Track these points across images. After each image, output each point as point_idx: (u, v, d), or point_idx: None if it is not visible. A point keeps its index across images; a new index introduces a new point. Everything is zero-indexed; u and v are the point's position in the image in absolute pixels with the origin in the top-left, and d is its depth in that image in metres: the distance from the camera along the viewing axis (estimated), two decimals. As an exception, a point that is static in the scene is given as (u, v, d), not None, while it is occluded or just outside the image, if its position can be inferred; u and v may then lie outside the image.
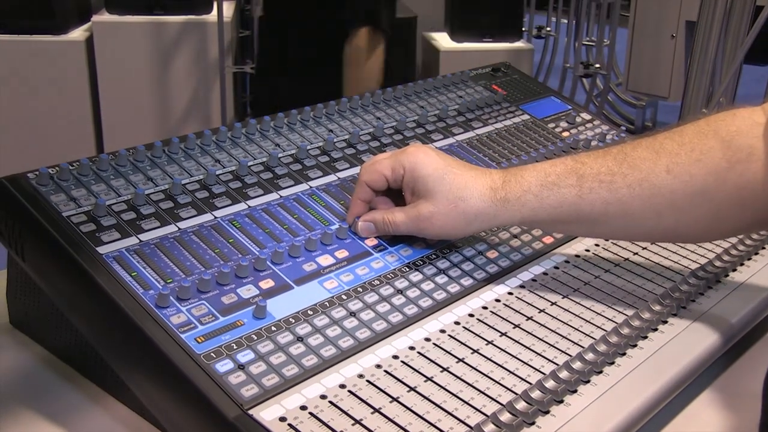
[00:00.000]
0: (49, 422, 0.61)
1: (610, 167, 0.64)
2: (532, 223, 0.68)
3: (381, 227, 0.69)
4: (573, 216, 0.65)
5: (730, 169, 0.61)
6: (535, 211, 0.65)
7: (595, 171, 0.64)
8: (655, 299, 0.68)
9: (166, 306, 0.57)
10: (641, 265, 0.74)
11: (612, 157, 0.65)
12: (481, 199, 0.66)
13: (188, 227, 0.66)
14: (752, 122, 0.62)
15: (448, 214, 0.66)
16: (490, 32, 3.32)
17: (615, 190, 0.63)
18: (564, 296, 0.68)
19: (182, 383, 0.53)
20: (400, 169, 0.68)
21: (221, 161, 0.75)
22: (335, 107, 0.88)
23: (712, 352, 0.65)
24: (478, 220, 0.66)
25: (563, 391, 0.56)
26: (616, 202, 0.64)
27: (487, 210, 0.66)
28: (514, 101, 1.00)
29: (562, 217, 0.65)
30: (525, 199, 0.65)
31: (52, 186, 0.66)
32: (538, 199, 0.65)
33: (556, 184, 0.65)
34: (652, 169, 0.63)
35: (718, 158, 0.62)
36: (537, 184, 0.65)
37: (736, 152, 0.61)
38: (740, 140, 0.61)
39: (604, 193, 0.64)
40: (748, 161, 0.61)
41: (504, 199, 0.65)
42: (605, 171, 0.64)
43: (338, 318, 0.60)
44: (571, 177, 0.65)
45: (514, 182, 0.66)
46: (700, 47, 2.33)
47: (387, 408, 0.53)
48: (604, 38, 3.67)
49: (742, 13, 2.29)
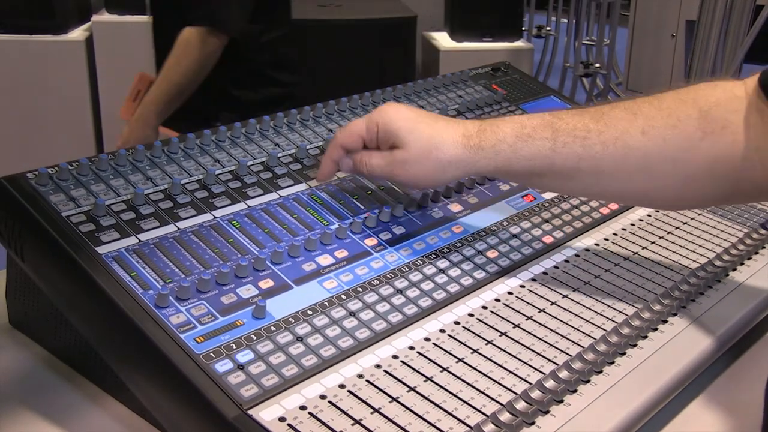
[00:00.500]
0: (49, 422, 0.61)
1: (586, 124, 0.65)
2: (506, 173, 0.68)
3: (357, 165, 0.71)
4: (546, 169, 0.66)
5: (704, 138, 0.62)
6: (509, 160, 0.66)
7: (571, 126, 0.65)
8: (655, 299, 0.67)
9: (166, 306, 0.57)
10: (641, 264, 0.74)
11: (589, 114, 0.65)
12: (454, 146, 0.67)
13: (188, 227, 0.66)
14: (732, 95, 0.62)
15: (422, 162, 0.67)
16: (490, 32, 3.32)
17: (589, 147, 0.64)
18: (564, 296, 0.68)
19: (182, 383, 0.53)
20: (374, 126, 0.70)
21: (220, 161, 0.75)
22: (335, 107, 0.88)
23: (711, 353, 0.65)
24: (452, 167, 0.67)
25: (563, 390, 0.56)
26: (588, 158, 0.64)
27: (460, 156, 0.66)
28: (514, 101, 1.00)
29: (535, 170, 0.66)
30: (499, 148, 0.66)
31: (52, 186, 0.66)
32: (512, 149, 0.65)
33: (530, 136, 0.65)
34: (627, 129, 0.64)
35: (693, 127, 0.62)
36: (512, 135, 0.66)
37: (712, 123, 0.62)
38: (717, 112, 0.62)
39: (578, 149, 0.64)
40: (722, 134, 0.61)
41: (478, 147, 0.66)
42: (581, 127, 0.65)
43: (338, 318, 0.60)
44: (547, 130, 0.65)
45: (489, 131, 0.67)
46: (700, 47, 2.33)
47: (387, 408, 0.53)
48: (604, 38, 3.67)
49: (742, 12, 2.29)
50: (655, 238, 0.79)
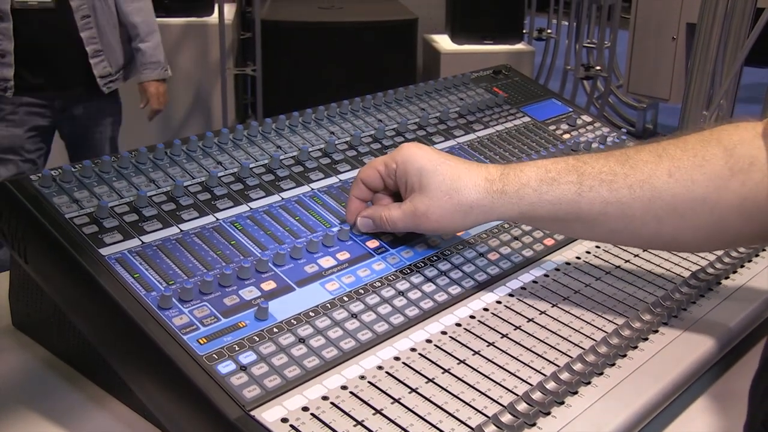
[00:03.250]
0: (52, 423, 0.61)
1: (612, 167, 0.64)
2: (531, 219, 0.67)
3: (378, 223, 0.69)
4: (572, 214, 0.64)
5: (732, 177, 0.61)
6: (533, 205, 0.64)
7: (596, 170, 0.64)
8: (656, 301, 0.68)
9: (169, 307, 0.58)
10: (643, 267, 0.74)
11: (614, 158, 0.64)
12: (476, 191, 0.65)
13: (190, 229, 0.66)
14: (755, 133, 0.62)
15: (444, 207, 0.65)
16: (490, 34, 3.33)
17: (615, 190, 0.63)
18: (565, 298, 0.68)
19: (184, 384, 0.53)
20: (393, 164, 0.68)
21: (223, 163, 0.75)
22: (336, 109, 0.88)
23: (711, 356, 0.65)
24: (474, 212, 0.65)
25: (564, 392, 0.56)
26: (615, 202, 0.63)
27: (482, 201, 0.65)
28: (515, 103, 1.01)
29: (560, 215, 0.65)
30: (523, 193, 0.64)
31: (55, 188, 0.66)
32: (537, 194, 0.64)
33: (555, 180, 0.64)
34: (654, 172, 0.62)
35: (720, 165, 0.61)
36: (536, 179, 0.64)
37: (738, 161, 0.61)
38: (742, 149, 0.61)
39: (605, 193, 0.63)
40: (750, 171, 0.60)
41: (501, 192, 0.65)
42: (607, 171, 0.63)
43: (339, 319, 0.61)
44: (572, 174, 0.64)
45: (512, 175, 0.65)
46: (700, 49, 2.33)
47: (388, 409, 0.53)
48: (605, 40, 3.68)
49: (743, 15, 2.29)
50: (656, 240, 0.79)
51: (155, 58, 2.38)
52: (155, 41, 2.37)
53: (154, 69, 2.39)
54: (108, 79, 2.31)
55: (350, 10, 3.45)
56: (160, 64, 2.40)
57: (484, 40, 3.31)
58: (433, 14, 3.64)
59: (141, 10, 2.32)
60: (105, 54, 2.28)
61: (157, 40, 2.38)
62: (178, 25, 3.03)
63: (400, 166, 0.68)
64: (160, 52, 2.39)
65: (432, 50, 3.39)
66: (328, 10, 3.44)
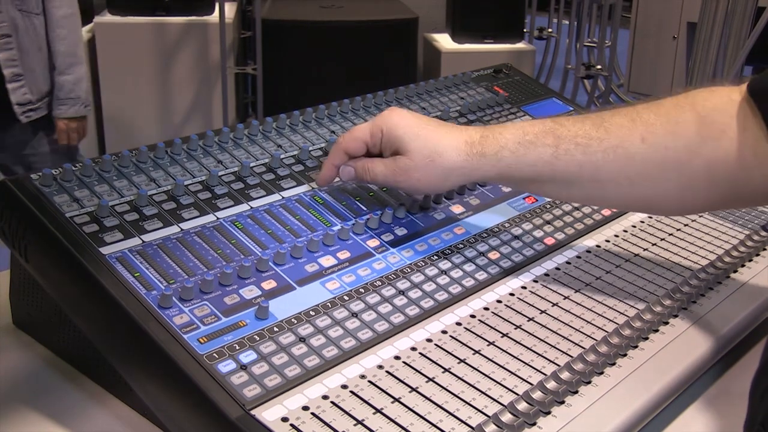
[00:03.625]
0: (52, 422, 0.62)
1: (588, 131, 0.65)
2: (508, 179, 0.69)
3: (360, 173, 0.71)
4: (547, 175, 0.66)
5: (703, 144, 0.62)
6: (510, 167, 0.66)
7: (572, 133, 0.65)
8: (657, 300, 0.68)
9: (169, 306, 0.58)
10: (642, 266, 0.74)
11: (590, 121, 0.66)
12: (457, 153, 0.67)
13: (191, 228, 0.66)
14: (729, 99, 0.62)
15: (425, 169, 0.67)
16: (491, 33, 3.33)
17: (590, 154, 0.65)
18: (565, 297, 0.68)
19: (185, 383, 0.53)
20: (378, 132, 0.70)
21: (223, 162, 0.75)
22: (337, 108, 0.88)
23: (712, 354, 0.65)
24: (455, 174, 0.67)
25: (564, 392, 0.56)
26: (590, 165, 0.65)
27: (462, 164, 0.67)
28: (516, 103, 1.01)
29: (536, 176, 0.67)
30: (501, 155, 0.66)
31: (55, 187, 0.66)
32: (514, 156, 0.66)
33: (533, 142, 0.66)
34: (627, 137, 0.64)
35: (692, 132, 0.63)
36: (514, 141, 0.66)
37: (710, 128, 0.62)
38: (715, 116, 0.62)
39: (579, 156, 0.65)
40: (720, 138, 0.62)
41: (480, 154, 0.67)
42: (582, 134, 0.65)
43: (340, 319, 0.61)
44: (549, 137, 0.66)
45: (491, 138, 0.67)
46: (701, 48, 2.33)
47: (389, 408, 0.53)
48: (606, 39, 3.67)
49: (744, 14, 2.29)
50: (657, 240, 0.79)
51: (74, 93, 2.08)
52: (77, 75, 2.08)
53: (70, 105, 2.08)
54: (27, 108, 2.01)
55: (351, 9, 3.45)
56: (78, 101, 2.09)
57: (485, 39, 3.31)
58: (433, 13, 3.64)
59: (65, 38, 2.04)
60: (26, 79, 1.99)
61: (80, 74, 2.09)
62: (179, 24, 3.03)
63: (385, 133, 0.70)
64: (80, 88, 2.09)
65: (433, 49, 3.39)
66: (328, 9, 3.44)
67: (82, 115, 2.13)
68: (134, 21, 2.99)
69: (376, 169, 0.70)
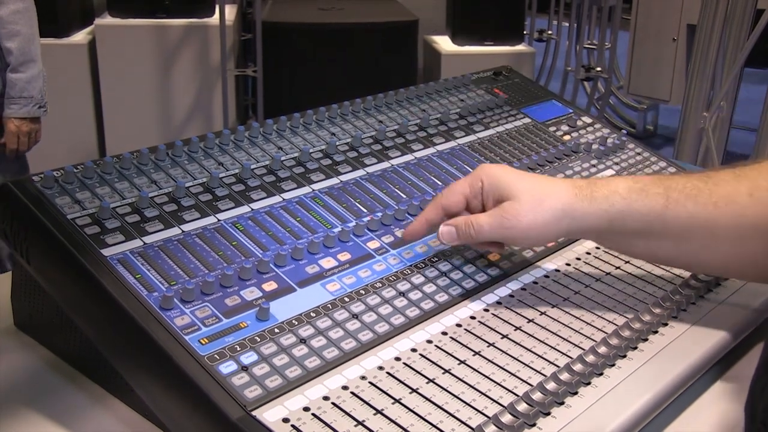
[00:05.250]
0: (54, 423, 0.62)
1: (695, 183, 0.64)
2: (618, 230, 0.65)
3: (463, 232, 0.66)
4: (658, 228, 0.63)
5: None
6: (622, 214, 0.63)
7: (681, 185, 0.64)
8: (656, 302, 0.68)
9: (170, 308, 0.58)
10: (642, 268, 0.74)
11: (696, 176, 0.65)
12: (567, 195, 0.64)
13: (192, 230, 0.66)
14: None
15: (534, 211, 0.64)
16: (491, 35, 3.33)
17: (701, 204, 0.63)
18: (565, 299, 0.68)
19: (186, 384, 0.53)
20: (478, 183, 0.67)
21: (224, 164, 0.75)
22: (337, 110, 0.88)
23: (712, 355, 0.65)
24: (566, 218, 0.64)
25: (564, 393, 0.56)
26: (701, 217, 0.63)
27: (573, 205, 0.64)
28: (516, 105, 1.01)
29: (647, 228, 0.64)
30: (613, 200, 0.64)
31: (57, 189, 0.66)
32: (626, 202, 0.63)
33: (644, 190, 0.64)
34: (735, 189, 0.63)
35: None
36: (625, 188, 0.64)
37: None
38: None
39: (690, 207, 0.63)
40: None
41: (591, 197, 0.64)
42: (691, 186, 0.63)
43: (340, 320, 0.61)
44: (659, 186, 0.64)
45: (600, 184, 0.65)
46: (701, 50, 2.33)
47: (389, 409, 0.53)
48: (606, 41, 3.68)
49: (743, 16, 2.29)
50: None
51: (26, 92, 1.94)
52: (31, 73, 1.94)
53: (22, 105, 1.94)
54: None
55: (351, 11, 3.46)
56: (32, 101, 1.96)
57: (485, 41, 3.32)
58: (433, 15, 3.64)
59: (17, 34, 1.91)
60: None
61: (34, 73, 1.95)
62: (179, 26, 3.04)
63: (487, 182, 0.67)
64: (34, 87, 1.95)
65: (432, 51, 3.40)
66: (328, 12, 3.44)
67: (35, 116, 1.99)
68: (134, 23, 2.99)
69: (480, 221, 0.65)
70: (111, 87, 2.99)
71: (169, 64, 3.05)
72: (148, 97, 3.07)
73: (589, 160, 0.92)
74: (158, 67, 3.05)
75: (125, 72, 3.00)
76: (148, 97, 3.07)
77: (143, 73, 3.03)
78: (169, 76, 3.07)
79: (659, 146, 4.02)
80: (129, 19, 3.00)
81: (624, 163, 0.94)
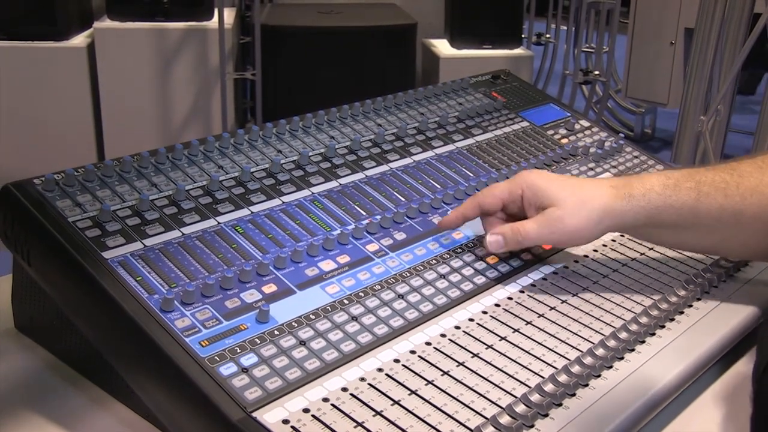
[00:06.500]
0: (54, 425, 0.62)
1: (723, 177, 0.67)
2: (656, 224, 0.68)
3: (511, 239, 0.70)
4: (691, 220, 0.67)
5: None
6: (659, 209, 0.67)
7: (709, 179, 0.67)
8: (653, 304, 0.68)
9: (171, 310, 0.58)
10: (639, 270, 0.75)
11: (722, 169, 0.68)
12: (607, 196, 0.68)
13: (192, 232, 0.67)
14: None
15: (578, 214, 0.67)
16: (489, 39, 3.33)
17: (730, 197, 0.66)
18: (563, 301, 0.69)
19: (186, 386, 0.54)
20: (518, 190, 0.71)
21: (224, 167, 0.76)
22: (337, 114, 0.89)
23: (711, 355, 0.65)
24: (608, 216, 0.67)
25: (562, 394, 0.56)
26: (730, 208, 0.66)
27: (613, 205, 0.67)
28: (514, 108, 1.01)
29: (681, 221, 0.67)
30: (650, 197, 0.67)
31: (58, 192, 0.67)
32: (662, 198, 0.67)
33: (677, 186, 0.67)
34: (761, 180, 0.66)
35: None
36: (659, 184, 0.68)
37: None
38: None
39: (720, 199, 0.66)
40: None
41: (629, 195, 0.68)
42: (719, 180, 0.67)
43: (340, 322, 0.61)
44: (690, 181, 0.67)
45: (636, 182, 0.68)
46: (698, 54, 2.34)
47: (388, 411, 0.54)
48: (604, 45, 3.68)
49: (740, 20, 2.30)
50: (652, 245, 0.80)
51: None
52: None
53: None
54: None
55: (349, 15, 3.46)
56: None
57: (483, 44, 3.32)
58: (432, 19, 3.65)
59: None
60: None
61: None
62: (178, 29, 3.04)
63: (527, 190, 0.70)
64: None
65: (431, 55, 3.40)
66: (327, 15, 3.45)
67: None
68: (133, 26, 2.99)
69: (527, 228, 0.69)
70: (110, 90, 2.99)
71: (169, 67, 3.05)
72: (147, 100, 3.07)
73: (587, 163, 0.93)
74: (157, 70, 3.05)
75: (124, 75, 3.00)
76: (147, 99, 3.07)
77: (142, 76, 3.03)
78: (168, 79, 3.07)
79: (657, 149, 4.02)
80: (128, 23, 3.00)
81: (621, 166, 0.94)
